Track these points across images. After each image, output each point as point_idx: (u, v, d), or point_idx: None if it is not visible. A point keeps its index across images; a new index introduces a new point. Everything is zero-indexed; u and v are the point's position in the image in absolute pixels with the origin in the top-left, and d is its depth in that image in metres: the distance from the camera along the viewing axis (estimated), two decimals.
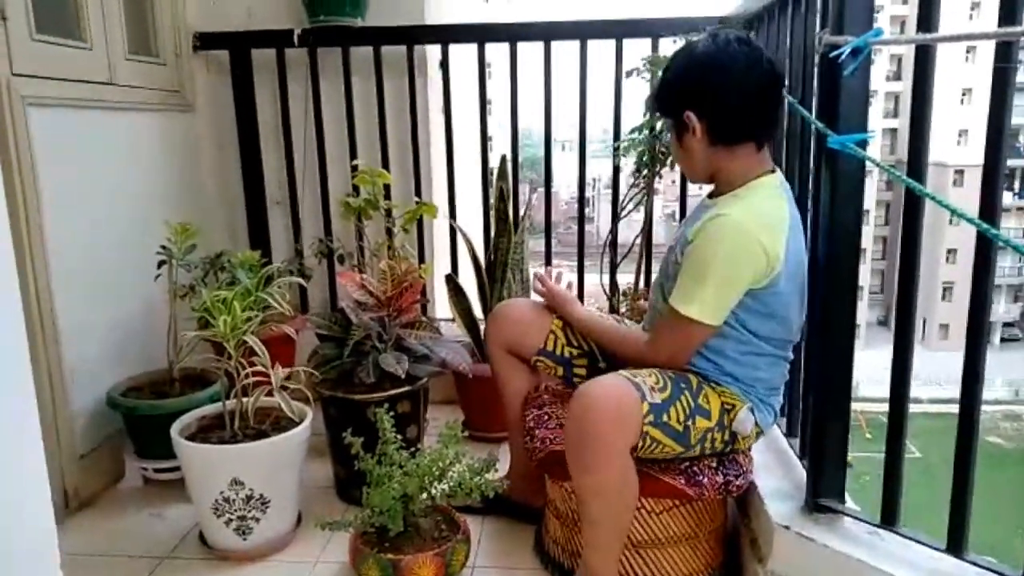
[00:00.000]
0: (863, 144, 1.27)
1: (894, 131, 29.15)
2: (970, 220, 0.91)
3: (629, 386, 1.49)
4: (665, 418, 1.49)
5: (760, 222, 1.48)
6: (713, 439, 1.57)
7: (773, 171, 1.59)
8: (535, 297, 1.95)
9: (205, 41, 2.71)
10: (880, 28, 1.23)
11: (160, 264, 2.19)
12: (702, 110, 1.52)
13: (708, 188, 1.72)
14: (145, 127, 2.49)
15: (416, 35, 2.69)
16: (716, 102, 1.51)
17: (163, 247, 2.18)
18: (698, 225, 1.52)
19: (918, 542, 1.33)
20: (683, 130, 1.57)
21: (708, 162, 1.59)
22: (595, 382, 1.52)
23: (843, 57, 1.25)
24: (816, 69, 1.48)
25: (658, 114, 1.69)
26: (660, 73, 1.67)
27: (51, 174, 2.01)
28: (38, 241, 1.97)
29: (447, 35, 2.71)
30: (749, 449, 1.71)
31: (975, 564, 1.25)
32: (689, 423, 1.52)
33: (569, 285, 1.92)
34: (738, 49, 1.50)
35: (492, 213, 2.59)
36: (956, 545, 1.27)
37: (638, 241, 2.61)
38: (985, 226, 0.89)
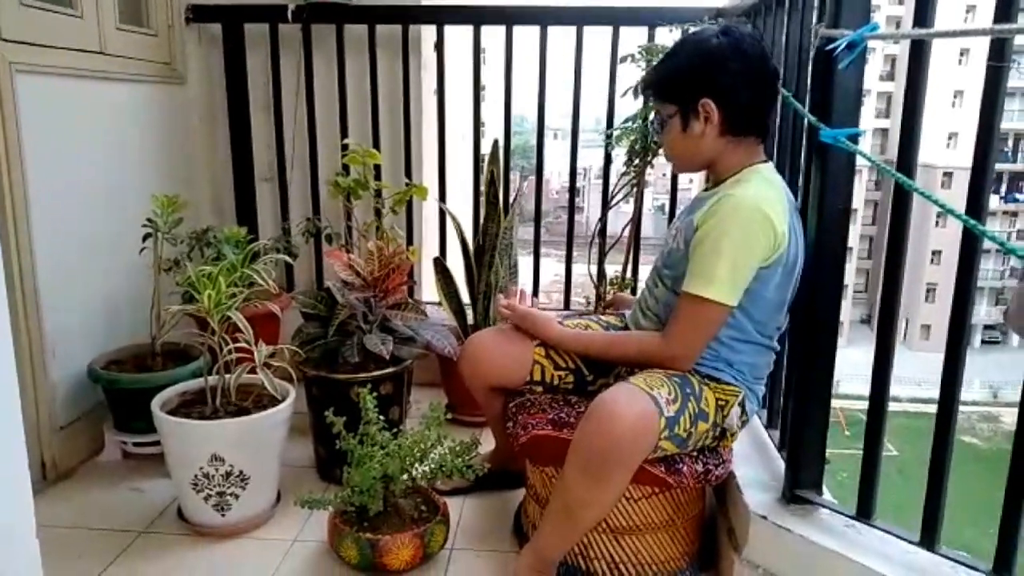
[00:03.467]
0: (854, 139, 1.27)
1: (885, 131, 29.31)
2: (957, 215, 0.92)
3: (649, 401, 1.46)
4: (677, 429, 1.51)
5: (767, 199, 1.50)
6: (706, 437, 1.59)
7: (766, 161, 1.63)
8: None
9: (198, 13, 2.68)
10: (876, 23, 1.23)
11: (145, 237, 2.17)
12: (721, 100, 1.53)
13: (699, 182, 1.73)
14: (135, 98, 2.46)
15: (411, 15, 2.67)
16: (737, 93, 1.53)
17: (149, 220, 2.15)
18: (704, 210, 1.53)
19: (893, 535, 1.35)
20: (693, 118, 1.57)
21: (711, 151, 1.60)
22: (616, 395, 1.47)
23: (838, 51, 1.26)
24: (811, 63, 1.48)
25: (659, 100, 1.64)
26: (663, 59, 1.65)
27: (38, 143, 1.99)
28: (22, 210, 1.95)
29: (443, 16, 2.69)
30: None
31: (947, 557, 1.27)
32: (692, 429, 1.54)
33: (533, 303, 1.87)
34: (753, 44, 1.54)
35: (482, 198, 2.59)
36: (929, 538, 1.29)
37: (626, 231, 2.61)
38: (972, 222, 0.90)
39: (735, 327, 1.58)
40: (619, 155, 2.53)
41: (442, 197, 2.76)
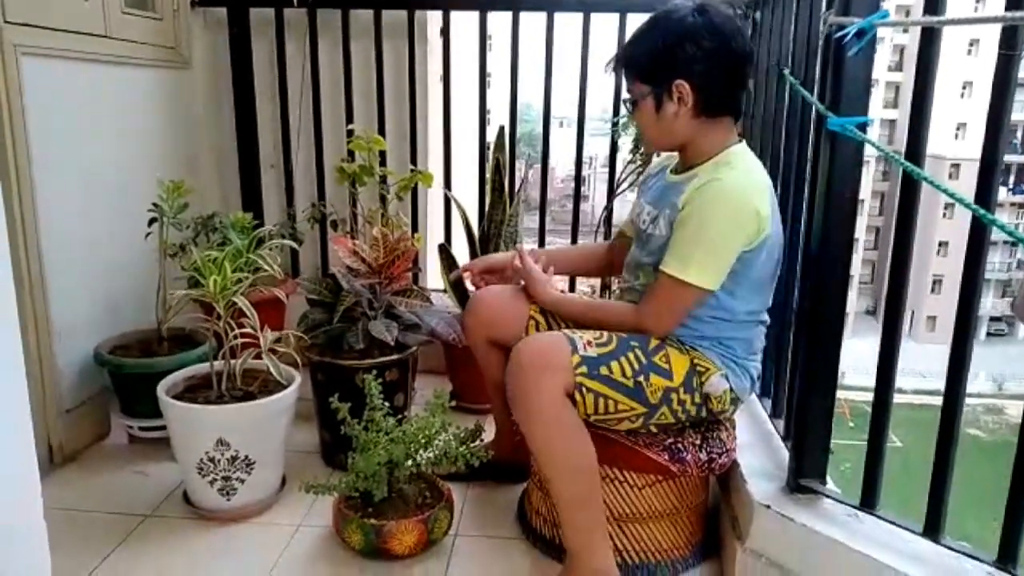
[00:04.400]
0: (863, 127, 1.26)
1: (893, 122, 29.11)
2: (966, 204, 0.91)
3: (561, 339, 1.54)
4: (604, 371, 1.51)
5: (751, 185, 1.50)
6: (682, 401, 1.57)
7: (740, 140, 1.62)
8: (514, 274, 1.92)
9: None
10: (887, 10, 1.22)
11: (151, 222, 2.17)
12: (696, 81, 1.52)
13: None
14: (140, 83, 2.45)
15: (417, 0, 2.65)
16: (712, 74, 1.52)
17: (155, 205, 2.15)
18: (687, 193, 1.52)
19: (896, 525, 1.35)
20: (667, 99, 1.55)
21: (685, 133, 1.59)
22: (529, 337, 1.59)
23: (848, 38, 1.24)
24: (819, 50, 1.47)
25: (631, 80, 1.61)
26: (635, 37, 1.61)
27: (42, 126, 1.99)
28: (28, 194, 1.95)
29: (449, 1, 2.67)
30: (731, 422, 1.73)
31: (951, 548, 1.27)
32: (641, 379, 1.53)
33: (545, 268, 1.88)
34: (727, 23, 1.52)
35: (487, 185, 2.58)
36: (933, 529, 1.29)
37: None
38: (982, 211, 0.89)
39: (719, 308, 1.57)
40: (625, 143, 2.52)
41: (447, 184, 2.76)
